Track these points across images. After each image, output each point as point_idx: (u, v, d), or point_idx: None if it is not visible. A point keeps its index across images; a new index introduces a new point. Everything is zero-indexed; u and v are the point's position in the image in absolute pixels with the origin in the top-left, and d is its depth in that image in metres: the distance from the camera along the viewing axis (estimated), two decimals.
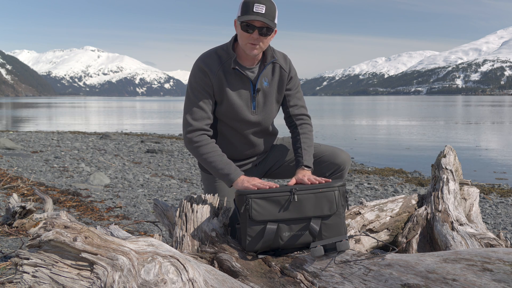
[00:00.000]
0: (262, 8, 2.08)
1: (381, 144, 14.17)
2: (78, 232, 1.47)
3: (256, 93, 2.28)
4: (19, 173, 6.79)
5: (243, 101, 2.27)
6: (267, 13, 2.09)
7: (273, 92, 2.33)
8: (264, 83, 2.30)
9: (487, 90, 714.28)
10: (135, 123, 26.64)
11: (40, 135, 14.43)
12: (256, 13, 2.08)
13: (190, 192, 5.81)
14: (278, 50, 2.36)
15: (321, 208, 1.96)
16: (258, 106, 2.31)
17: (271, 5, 2.11)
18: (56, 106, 73.90)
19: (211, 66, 2.22)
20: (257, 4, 2.08)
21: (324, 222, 1.97)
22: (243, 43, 2.16)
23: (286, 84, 2.36)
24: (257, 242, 1.95)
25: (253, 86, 2.28)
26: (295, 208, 1.96)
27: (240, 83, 2.26)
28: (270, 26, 2.10)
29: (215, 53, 2.25)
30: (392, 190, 6.17)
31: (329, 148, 2.42)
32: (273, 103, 2.35)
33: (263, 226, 1.95)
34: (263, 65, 2.28)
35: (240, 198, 1.99)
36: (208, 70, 2.21)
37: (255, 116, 2.32)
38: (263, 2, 2.09)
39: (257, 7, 2.08)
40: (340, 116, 34.64)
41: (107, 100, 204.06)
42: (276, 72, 2.32)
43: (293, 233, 1.96)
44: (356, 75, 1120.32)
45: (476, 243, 2.29)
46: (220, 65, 2.22)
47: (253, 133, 2.37)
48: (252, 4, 2.09)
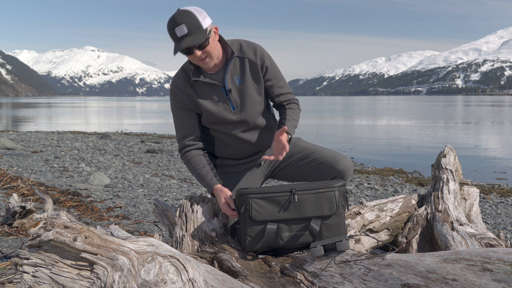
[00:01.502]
0: (183, 28, 2.03)
1: (381, 144, 14.17)
2: (78, 232, 1.47)
3: (229, 93, 2.25)
4: (19, 173, 6.79)
5: (219, 106, 2.26)
6: (190, 30, 2.03)
7: (250, 87, 2.29)
8: (237, 81, 2.26)
9: (487, 90, 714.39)
10: (135, 123, 26.64)
11: (40, 135, 14.43)
12: (181, 37, 2.04)
13: (190, 192, 5.81)
14: (250, 42, 2.31)
15: (321, 208, 1.96)
16: (237, 105, 2.28)
17: (189, 18, 2.04)
18: (56, 106, 73.90)
19: (177, 85, 2.28)
20: (177, 28, 2.04)
21: (324, 222, 1.97)
22: (194, 62, 2.18)
23: (263, 75, 2.31)
24: (257, 242, 1.95)
25: (224, 88, 2.26)
26: (295, 208, 1.95)
27: (210, 89, 2.25)
28: (199, 42, 2.06)
29: (182, 70, 2.30)
30: (392, 190, 6.17)
31: (332, 154, 2.38)
32: (254, 97, 2.30)
33: (263, 226, 1.95)
34: (226, 64, 2.25)
35: (240, 198, 1.99)
36: (176, 90, 2.28)
37: (237, 115, 2.29)
38: (180, 22, 2.03)
39: (178, 31, 2.04)
40: (340, 116, 34.64)
41: (107, 100, 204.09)
42: (246, 66, 2.27)
43: (293, 233, 1.96)
44: (356, 75, 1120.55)
45: (476, 243, 2.29)
46: (186, 80, 2.26)
47: (243, 132, 2.34)
48: (173, 30, 2.05)
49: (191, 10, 2.07)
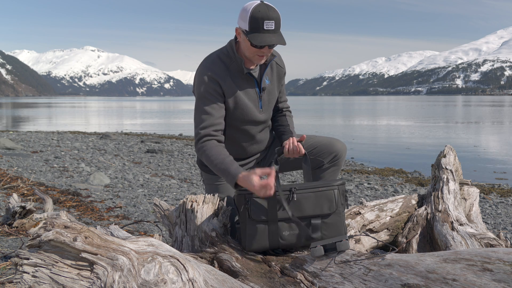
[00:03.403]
0: (271, 24, 2.03)
1: (381, 144, 14.17)
2: (78, 232, 1.47)
3: (262, 92, 2.32)
4: (19, 173, 6.79)
5: (252, 102, 2.31)
6: (277, 28, 2.05)
7: (274, 89, 2.39)
8: (267, 82, 2.34)
9: (487, 90, 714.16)
10: (135, 123, 26.64)
11: (40, 135, 14.43)
12: (267, 31, 2.03)
13: (190, 192, 5.81)
14: None
15: (320, 206, 1.97)
16: (264, 104, 2.35)
17: (278, 16, 2.05)
18: (56, 106, 73.90)
19: (219, 73, 2.20)
20: (267, 21, 2.02)
21: (324, 221, 1.97)
22: (250, 55, 2.16)
23: (282, 81, 2.45)
24: (257, 241, 1.95)
25: (259, 85, 2.31)
26: (295, 207, 1.96)
27: (247, 85, 2.28)
28: (284, 43, 2.08)
29: (218, 59, 2.24)
30: (392, 190, 6.17)
31: (325, 138, 2.47)
32: (275, 99, 2.42)
33: (263, 225, 1.95)
34: (265, 64, 2.30)
35: (240, 198, 1.99)
36: (218, 78, 2.20)
37: (262, 114, 2.36)
38: (271, 17, 2.03)
39: (267, 24, 2.02)
40: (340, 116, 34.64)
41: (107, 100, 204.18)
42: (274, 69, 2.37)
43: (293, 232, 1.97)
44: (356, 75, 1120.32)
45: (476, 243, 2.29)
46: (227, 70, 2.23)
47: (260, 131, 2.42)
48: (262, 21, 2.02)
49: (274, 7, 2.09)
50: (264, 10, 2.03)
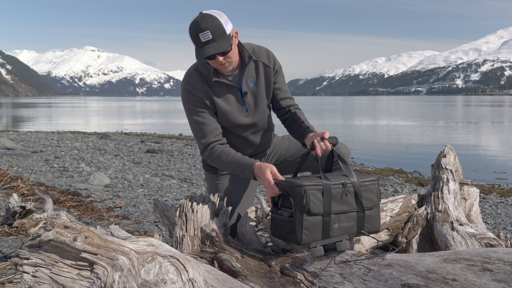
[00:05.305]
0: (207, 34, 2.01)
1: (381, 144, 14.17)
2: (78, 232, 1.47)
3: (244, 96, 2.29)
4: (19, 173, 6.79)
5: (234, 107, 2.28)
6: (215, 36, 2.02)
7: (262, 91, 2.34)
8: (251, 84, 2.30)
9: (487, 90, 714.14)
10: (135, 123, 26.64)
11: (40, 135, 14.43)
12: (204, 42, 2.02)
13: (190, 192, 5.81)
14: (260, 45, 2.34)
15: (366, 200, 2.02)
16: (250, 108, 2.32)
17: (213, 23, 2.02)
18: (56, 106, 73.91)
19: (194, 85, 2.24)
20: (201, 34, 2.01)
21: (368, 213, 2.03)
22: (214, 66, 2.18)
23: (273, 79, 2.36)
24: (312, 234, 1.93)
25: (240, 90, 2.28)
26: (346, 200, 1.98)
27: (227, 90, 2.27)
28: (224, 50, 2.06)
29: (196, 71, 2.27)
30: (392, 190, 6.17)
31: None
32: (264, 101, 2.36)
33: (319, 218, 1.93)
34: (243, 67, 2.27)
35: (298, 190, 1.92)
36: (193, 89, 2.23)
37: (249, 118, 2.33)
38: (204, 28, 2.01)
39: (202, 36, 2.01)
40: (340, 116, 34.65)
41: (107, 100, 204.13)
42: (260, 70, 2.31)
43: (341, 224, 1.98)
44: (356, 75, 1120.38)
45: (476, 243, 2.29)
46: (202, 80, 2.24)
47: (252, 134, 2.39)
48: (197, 35, 2.02)
49: (215, 14, 2.04)
50: (197, 22, 2.02)
